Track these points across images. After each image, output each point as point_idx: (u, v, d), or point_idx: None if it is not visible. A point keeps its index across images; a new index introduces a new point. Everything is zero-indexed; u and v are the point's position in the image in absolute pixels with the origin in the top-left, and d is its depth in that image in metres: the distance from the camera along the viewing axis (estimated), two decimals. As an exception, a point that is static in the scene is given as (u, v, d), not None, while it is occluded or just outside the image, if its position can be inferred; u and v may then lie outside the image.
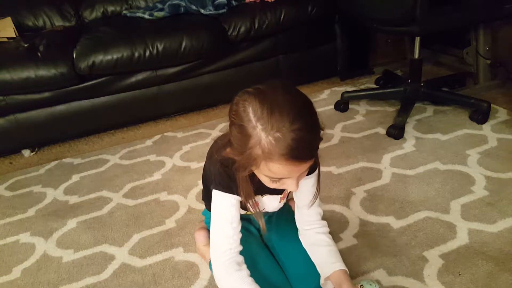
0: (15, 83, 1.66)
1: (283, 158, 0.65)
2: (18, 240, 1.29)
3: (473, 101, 1.61)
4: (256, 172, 0.74)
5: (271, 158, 0.66)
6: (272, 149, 0.65)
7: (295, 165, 0.67)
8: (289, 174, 0.70)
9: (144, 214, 1.32)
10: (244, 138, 0.67)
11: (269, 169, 0.68)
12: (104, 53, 1.72)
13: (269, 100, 0.66)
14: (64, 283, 1.09)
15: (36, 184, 1.60)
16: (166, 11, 1.99)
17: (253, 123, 0.66)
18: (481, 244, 1.03)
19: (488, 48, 1.79)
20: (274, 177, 0.71)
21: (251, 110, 0.66)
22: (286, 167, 0.67)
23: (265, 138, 0.65)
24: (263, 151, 0.66)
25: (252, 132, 0.66)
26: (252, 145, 0.66)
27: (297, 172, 0.71)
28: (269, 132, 0.64)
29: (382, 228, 1.12)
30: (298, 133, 0.64)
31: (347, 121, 1.76)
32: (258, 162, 0.68)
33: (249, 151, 0.67)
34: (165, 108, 1.97)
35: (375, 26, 1.63)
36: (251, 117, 0.66)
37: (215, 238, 0.84)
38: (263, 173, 0.71)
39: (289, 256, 0.96)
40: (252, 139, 0.66)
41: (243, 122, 0.67)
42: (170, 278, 1.05)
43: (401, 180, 1.32)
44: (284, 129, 0.64)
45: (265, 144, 0.65)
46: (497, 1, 1.53)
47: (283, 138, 0.64)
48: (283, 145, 0.64)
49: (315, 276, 0.90)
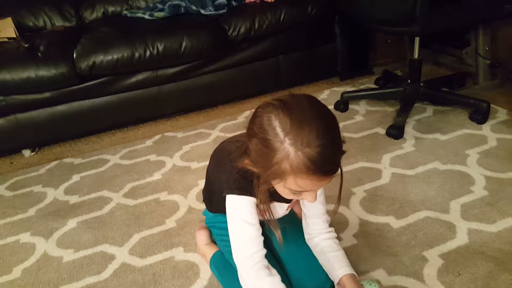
0: (16, 83, 1.66)
1: (311, 173, 0.65)
2: (19, 240, 1.29)
3: (472, 101, 1.62)
4: (278, 185, 0.72)
5: (300, 173, 0.65)
6: (301, 164, 0.64)
7: (321, 179, 0.68)
8: (314, 187, 0.70)
9: (144, 214, 1.33)
10: (269, 152, 0.66)
11: (296, 184, 0.68)
12: (104, 53, 1.73)
13: (296, 114, 0.65)
14: (64, 283, 1.09)
15: (36, 184, 1.60)
16: (166, 12, 1.99)
17: (281, 138, 0.65)
18: (480, 244, 1.03)
19: (487, 48, 1.79)
20: (296, 190, 0.71)
21: (278, 124, 0.65)
22: (313, 180, 0.67)
23: (294, 153, 0.64)
24: (291, 166, 0.65)
25: (279, 147, 0.65)
26: (279, 160, 0.65)
27: (321, 185, 0.71)
28: (298, 147, 0.64)
29: (382, 228, 1.13)
30: (326, 148, 0.64)
31: (347, 121, 1.76)
32: (285, 176, 0.67)
33: (275, 165, 0.66)
34: (165, 108, 1.97)
35: (374, 26, 1.63)
36: (278, 131, 0.65)
37: (237, 242, 0.82)
38: (289, 186, 0.69)
39: (291, 259, 0.95)
40: (279, 154, 0.65)
41: (268, 136, 0.66)
42: (170, 278, 1.06)
43: (400, 180, 1.32)
44: (313, 144, 0.64)
45: (294, 159, 0.64)
46: (497, 1, 1.54)
47: (312, 154, 0.64)
48: (312, 160, 0.64)
49: (317, 278, 0.90)
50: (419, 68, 1.72)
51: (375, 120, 1.73)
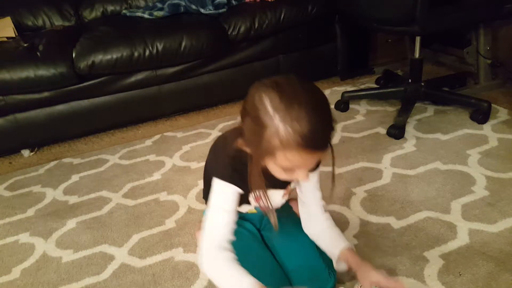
0: (15, 83, 1.65)
1: (300, 147, 0.67)
2: (18, 240, 1.29)
3: (473, 101, 1.61)
4: (269, 162, 0.74)
5: (289, 147, 0.67)
6: (290, 139, 0.66)
7: (311, 154, 0.69)
8: (304, 163, 0.71)
9: (144, 214, 1.32)
10: (260, 129, 0.68)
11: (286, 158, 0.69)
12: (103, 53, 1.72)
13: (287, 92, 0.68)
14: (63, 283, 1.09)
15: (35, 184, 1.60)
16: (166, 11, 1.99)
17: (271, 114, 0.67)
18: (481, 244, 1.02)
19: (488, 48, 1.79)
20: (287, 167, 0.72)
21: (269, 101, 0.67)
22: (302, 155, 0.68)
23: (283, 128, 0.66)
24: (281, 141, 0.67)
25: (269, 123, 0.67)
26: (269, 135, 0.67)
27: (311, 161, 0.72)
28: (288, 122, 0.66)
29: (382, 228, 1.12)
30: (315, 123, 0.66)
31: (347, 121, 1.75)
32: (275, 152, 0.69)
33: (265, 141, 0.68)
34: (165, 108, 1.97)
35: (375, 25, 1.63)
36: (268, 108, 0.67)
37: (208, 225, 0.84)
38: (279, 163, 0.71)
39: (289, 254, 0.95)
40: (269, 130, 0.67)
41: (259, 113, 0.68)
42: (170, 278, 1.05)
43: (401, 180, 1.31)
44: (302, 119, 0.65)
45: (283, 134, 0.66)
46: (497, 1, 1.53)
47: (301, 128, 0.65)
48: (301, 134, 0.66)
49: (315, 273, 0.90)
50: (420, 68, 1.72)
51: (375, 120, 1.73)
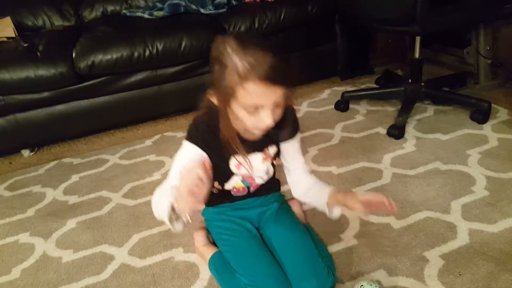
0: (15, 83, 1.65)
1: (256, 78, 0.73)
2: (18, 240, 1.29)
3: (473, 101, 1.61)
4: (234, 106, 0.78)
5: (247, 80, 0.73)
6: (247, 72, 0.72)
7: (267, 87, 0.74)
8: (263, 97, 0.75)
9: (144, 214, 1.32)
10: (221, 69, 0.76)
11: (246, 92, 0.74)
12: (103, 53, 1.72)
13: (244, 39, 0.76)
14: (63, 284, 1.09)
15: (35, 184, 1.60)
16: (166, 11, 1.99)
17: (230, 54, 0.74)
18: (481, 244, 1.02)
19: (488, 48, 1.79)
20: (250, 106, 0.76)
21: (228, 45, 0.75)
22: (259, 87, 0.73)
23: (240, 63, 0.73)
24: (239, 76, 0.73)
25: (229, 62, 0.74)
26: (229, 73, 0.74)
27: (270, 96, 0.76)
28: (243, 58, 0.73)
29: (382, 228, 1.12)
30: (270, 59, 0.73)
31: (347, 121, 1.75)
32: (236, 89, 0.75)
33: (227, 80, 0.75)
34: (165, 108, 1.97)
35: (375, 25, 1.63)
36: (228, 50, 0.75)
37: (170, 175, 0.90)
38: (242, 103, 0.76)
39: (287, 252, 0.95)
40: (229, 68, 0.74)
41: (221, 56, 0.76)
42: (169, 279, 1.05)
43: (401, 180, 1.31)
44: (256, 54, 0.73)
45: (241, 69, 0.73)
46: (497, 1, 1.53)
47: (256, 62, 0.72)
48: (257, 67, 0.72)
49: (314, 271, 0.90)
50: (420, 68, 1.72)
51: (375, 120, 1.73)
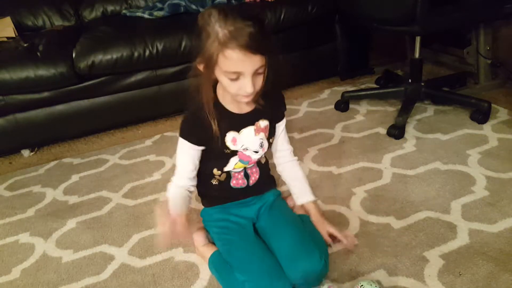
0: (15, 83, 1.65)
1: (237, 46, 0.78)
2: (18, 240, 1.29)
3: (473, 101, 1.61)
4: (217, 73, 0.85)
5: (226, 47, 0.78)
6: (227, 39, 0.78)
7: (246, 55, 0.79)
8: (243, 64, 0.80)
9: (144, 214, 1.32)
10: (205, 37, 0.81)
11: (226, 59, 0.80)
12: (103, 53, 1.72)
13: (226, 10, 0.81)
14: (63, 284, 1.09)
15: (35, 184, 1.60)
16: (166, 11, 1.99)
17: (213, 23, 0.80)
18: (481, 244, 1.02)
19: (488, 48, 1.79)
20: (231, 72, 0.81)
21: (212, 16, 0.80)
22: (238, 54, 0.78)
23: (221, 32, 0.79)
24: (219, 43, 0.79)
25: (211, 31, 0.80)
26: (211, 41, 0.80)
27: (250, 64, 0.80)
28: (225, 27, 0.78)
29: (382, 228, 1.12)
30: (249, 28, 0.78)
31: (347, 121, 1.75)
32: (217, 55, 0.80)
33: (208, 47, 0.80)
34: (165, 108, 1.97)
35: (375, 25, 1.63)
36: (212, 20, 0.80)
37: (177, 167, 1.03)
38: (223, 69, 0.82)
39: (279, 237, 0.97)
40: (211, 36, 0.80)
41: (205, 25, 0.81)
42: (169, 279, 1.05)
43: (401, 180, 1.31)
44: (238, 24, 0.78)
45: (221, 36, 0.78)
46: (497, 1, 1.53)
47: (236, 30, 0.78)
48: (236, 35, 0.78)
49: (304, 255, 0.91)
50: (420, 68, 1.71)
51: (375, 120, 1.73)
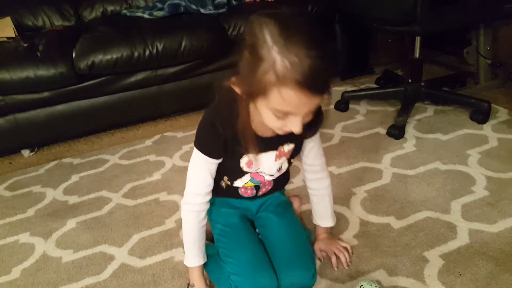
0: (15, 83, 1.65)
1: (297, 85, 0.62)
2: (18, 240, 1.29)
3: (473, 101, 1.61)
4: (261, 105, 0.70)
5: (285, 83, 0.62)
6: (287, 74, 0.62)
7: (307, 97, 0.64)
8: (299, 106, 0.67)
9: (144, 214, 1.32)
10: (255, 61, 0.64)
11: (281, 97, 0.64)
12: (103, 53, 1.72)
13: (288, 24, 0.64)
14: (63, 284, 1.09)
15: (35, 184, 1.60)
16: (166, 11, 1.99)
17: (269, 45, 0.62)
18: (481, 244, 1.02)
19: (488, 48, 1.79)
20: (281, 111, 0.68)
21: (268, 31, 0.63)
22: (299, 95, 0.64)
23: (280, 61, 0.62)
24: (277, 76, 0.62)
25: (266, 55, 0.62)
26: (265, 69, 0.63)
27: (306, 106, 0.67)
28: (286, 55, 0.61)
29: (382, 228, 1.12)
30: (315, 60, 0.62)
31: (347, 121, 1.75)
32: (270, 89, 0.64)
33: (260, 75, 0.64)
34: (165, 108, 1.97)
35: (375, 25, 1.63)
36: (267, 38, 0.62)
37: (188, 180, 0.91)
38: (272, 105, 0.67)
39: (280, 245, 0.95)
40: (266, 63, 0.63)
41: (257, 43, 0.63)
42: (170, 279, 1.05)
43: (401, 180, 1.31)
44: (302, 54, 0.61)
45: (280, 68, 0.62)
46: (497, 1, 1.53)
47: (300, 63, 0.61)
48: (300, 70, 0.61)
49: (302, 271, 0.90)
50: (420, 68, 1.72)
51: (375, 120, 1.73)
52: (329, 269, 1.00)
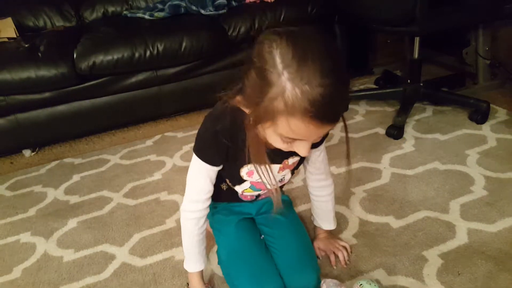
0: (16, 83, 1.66)
1: (308, 116, 0.57)
2: (19, 239, 1.29)
3: (472, 101, 1.62)
4: (267, 128, 0.64)
5: (295, 114, 0.57)
6: (296, 103, 0.56)
7: (318, 127, 0.59)
8: (309, 135, 0.62)
9: (145, 214, 1.33)
10: (263, 85, 0.58)
11: (289, 127, 0.59)
12: (104, 53, 1.73)
13: (301, 46, 0.57)
14: (64, 283, 1.09)
15: (36, 184, 1.60)
16: (166, 12, 1.99)
17: (279, 70, 0.56)
18: (480, 244, 1.03)
19: (487, 48, 1.79)
20: (288, 137, 0.63)
21: (279, 54, 0.57)
22: (308, 126, 0.58)
23: (291, 89, 0.56)
24: (286, 105, 0.57)
25: (276, 80, 0.57)
26: (273, 95, 0.57)
27: (317, 134, 0.63)
28: (297, 83, 0.55)
29: (381, 228, 1.13)
30: (329, 89, 0.56)
31: (346, 121, 1.75)
32: (277, 117, 0.59)
33: (267, 102, 0.58)
34: (165, 108, 1.97)
35: (374, 26, 1.63)
36: (277, 61, 0.57)
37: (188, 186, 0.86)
38: (279, 131, 0.62)
39: (286, 248, 0.95)
40: (274, 89, 0.57)
41: (266, 66, 0.57)
42: (170, 278, 1.06)
43: (400, 180, 1.32)
44: (315, 83, 0.55)
45: (290, 97, 0.56)
46: (497, 1, 1.54)
47: (312, 93, 0.55)
48: (311, 100, 0.55)
49: (308, 275, 0.90)
50: (419, 68, 1.72)
51: (375, 120, 1.73)
52: (328, 268, 1.01)
